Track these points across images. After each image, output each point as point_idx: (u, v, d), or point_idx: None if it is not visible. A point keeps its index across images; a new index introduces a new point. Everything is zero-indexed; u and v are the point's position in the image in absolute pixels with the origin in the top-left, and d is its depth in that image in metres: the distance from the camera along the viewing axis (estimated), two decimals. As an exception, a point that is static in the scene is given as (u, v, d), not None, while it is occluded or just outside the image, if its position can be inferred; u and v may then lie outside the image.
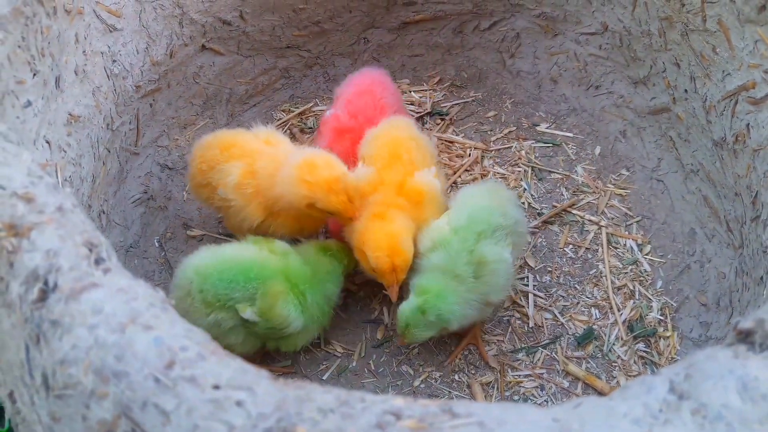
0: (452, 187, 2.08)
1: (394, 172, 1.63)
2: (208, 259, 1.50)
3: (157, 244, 1.90)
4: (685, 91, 1.83)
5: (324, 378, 1.67)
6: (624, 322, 1.77)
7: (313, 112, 2.28)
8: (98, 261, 0.92)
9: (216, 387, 0.78)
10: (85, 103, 1.60)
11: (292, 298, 1.52)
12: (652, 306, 1.81)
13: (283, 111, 2.27)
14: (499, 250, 1.53)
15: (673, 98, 1.89)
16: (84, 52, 1.60)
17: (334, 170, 1.51)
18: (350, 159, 1.78)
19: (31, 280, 0.89)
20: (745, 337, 0.88)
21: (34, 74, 1.42)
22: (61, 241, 0.93)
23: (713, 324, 1.74)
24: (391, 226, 1.52)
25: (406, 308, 1.51)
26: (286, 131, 2.22)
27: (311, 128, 2.23)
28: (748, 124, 1.60)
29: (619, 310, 1.80)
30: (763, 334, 0.87)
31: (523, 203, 2.02)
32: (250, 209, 1.62)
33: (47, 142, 1.42)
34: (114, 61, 1.72)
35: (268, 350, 1.65)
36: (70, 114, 1.54)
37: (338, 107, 1.89)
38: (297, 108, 2.28)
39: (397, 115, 1.83)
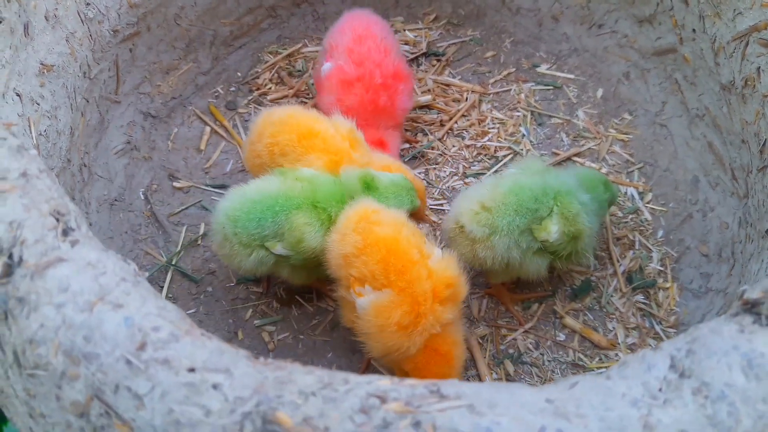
0: (448, 133, 2.00)
1: None
2: (235, 202, 1.47)
3: (142, 196, 1.84)
4: (693, 30, 1.73)
5: (316, 333, 1.65)
6: (623, 273, 1.73)
7: (302, 53, 2.18)
8: (66, 231, 0.86)
9: (191, 369, 0.74)
10: (58, 51, 1.51)
11: (318, 226, 1.46)
12: (652, 256, 1.76)
13: (270, 53, 2.17)
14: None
15: (680, 38, 1.79)
16: (53, -5, 1.50)
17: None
18: (365, 109, 1.72)
19: (-6, 253, 0.84)
20: (751, 307, 0.83)
21: (0, 21, 1.33)
22: (26, 211, 0.87)
23: (714, 275, 1.70)
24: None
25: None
26: (273, 74, 2.13)
27: (300, 71, 2.14)
28: (758, 68, 1.51)
29: (618, 261, 1.75)
30: (770, 305, 0.82)
31: (522, 150, 1.95)
32: None
33: (18, 94, 1.34)
34: (88, 4, 1.61)
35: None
36: (42, 63, 1.45)
37: (338, 58, 1.77)
38: (285, 50, 2.17)
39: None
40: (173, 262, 1.73)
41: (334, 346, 1.63)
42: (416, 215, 1.58)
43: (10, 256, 0.83)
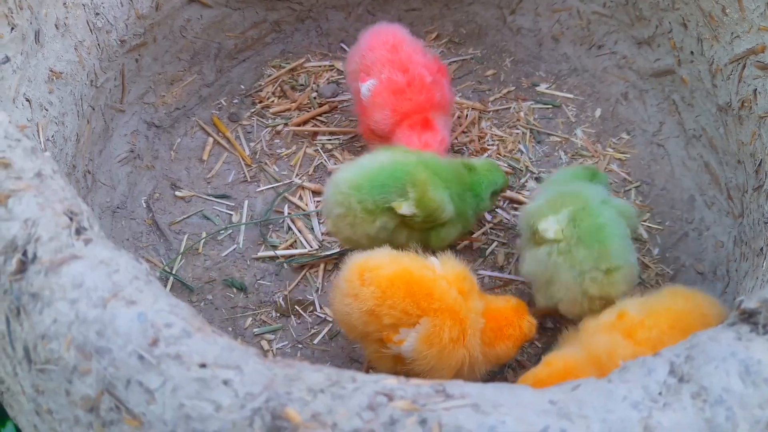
0: (449, 149, 2.03)
1: None
2: (355, 173, 1.56)
3: (144, 204, 1.85)
4: (692, 53, 1.77)
5: (315, 342, 1.66)
6: (619, 289, 1.75)
7: (305, 68, 2.21)
8: (79, 230, 0.88)
9: (202, 365, 0.75)
10: (67, 59, 1.53)
11: (438, 183, 1.57)
12: (648, 273, 1.79)
13: (274, 67, 2.20)
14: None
15: (678, 60, 1.84)
16: (65, 4, 1.52)
17: None
18: (422, 111, 1.75)
19: (9, 250, 0.86)
20: (748, 317, 0.86)
21: (12, 28, 1.36)
22: (41, 210, 0.88)
23: (709, 293, 1.72)
24: None
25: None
26: (276, 88, 2.16)
27: (303, 85, 2.17)
28: (755, 90, 1.55)
29: (614, 277, 1.77)
30: (767, 314, 0.84)
31: (521, 167, 1.98)
32: None
33: (27, 100, 1.37)
34: (97, 14, 1.64)
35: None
36: (51, 70, 1.47)
37: (380, 72, 1.78)
38: (288, 64, 2.21)
39: None
40: (172, 269, 1.74)
41: (333, 355, 1.64)
42: (501, 192, 1.75)
43: (25, 253, 0.85)
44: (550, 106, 2.12)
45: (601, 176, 1.70)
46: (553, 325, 1.67)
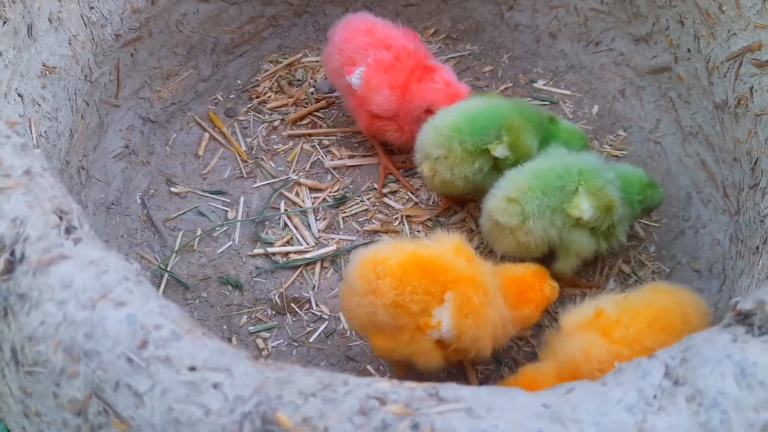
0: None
1: None
2: (456, 116, 1.65)
3: (139, 201, 1.84)
4: (688, 50, 1.76)
5: (311, 340, 1.65)
6: (613, 289, 1.75)
7: (302, 63, 2.20)
8: (69, 230, 0.87)
9: (192, 368, 0.74)
10: (60, 53, 1.52)
11: (530, 129, 1.67)
12: (645, 271, 1.78)
13: (271, 62, 2.19)
14: None
15: (675, 57, 1.83)
16: (58, -2, 1.51)
17: None
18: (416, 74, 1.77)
19: (-4, 249, 0.85)
20: (743, 318, 0.85)
21: (4, 22, 1.34)
22: (29, 208, 0.87)
23: (705, 291, 1.72)
24: None
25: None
26: (273, 83, 2.14)
27: (300, 80, 2.15)
28: (751, 88, 1.54)
29: (610, 277, 1.77)
30: (763, 316, 0.83)
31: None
32: None
33: (20, 95, 1.35)
34: (91, 8, 1.63)
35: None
36: (44, 65, 1.46)
37: (366, 57, 1.80)
38: (285, 59, 2.19)
39: None
40: (167, 266, 1.73)
41: (329, 354, 1.63)
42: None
43: (12, 253, 0.84)
44: (548, 103, 2.11)
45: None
46: (549, 324, 1.66)
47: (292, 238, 1.82)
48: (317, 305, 1.71)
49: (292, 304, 1.70)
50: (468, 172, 1.65)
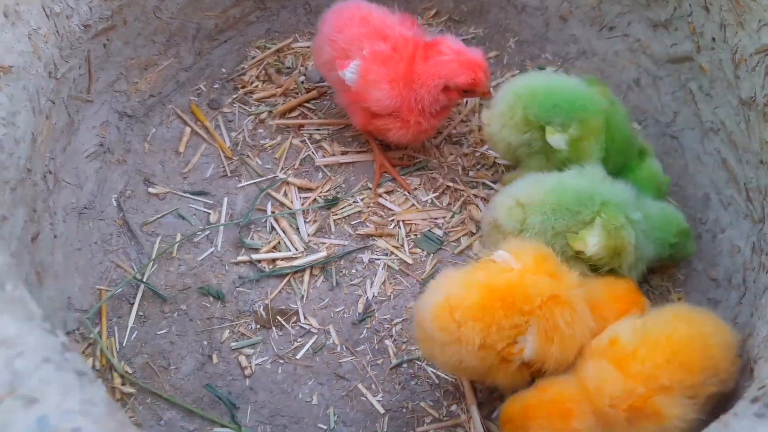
0: (445, 140, 1.88)
1: None
2: (538, 84, 1.59)
3: (114, 203, 1.72)
4: (713, 39, 1.60)
5: (298, 357, 1.54)
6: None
7: (292, 49, 2.05)
8: (-7, 287, 0.74)
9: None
10: (18, 50, 1.38)
11: (602, 143, 1.54)
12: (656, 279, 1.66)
13: (258, 48, 2.03)
14: None
15: (698, 46, 1.66)
16: (13, -11, 1.36)
17: None
18: (414, 66, 1.63)
19: None
20: None
21: (-52, 20, 1.20)
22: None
23: (722, 302, 1.59)
24: None
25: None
26: (261, 71, 1.99)
27: (289, 68, 2.01)
28: (783, 86, 1.39)
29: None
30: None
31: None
32: None
33: (-32, 103, 1.22)
34: (54, -3, 1.48)
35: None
36: (-1, 65, 1.32)
37: (361, 49, 1.64)
38: (274, 44, 2.04)
39: None
40: (144, 275, 1.61)
41: (317, 372, 1.53)
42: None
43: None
44: (556, 92, 1.95)
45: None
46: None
47: (279, 243, 1.70)
48: (305, 318, 1.60)
49: (278, 317, 1.59)
50: (513, 139, 1.59)
